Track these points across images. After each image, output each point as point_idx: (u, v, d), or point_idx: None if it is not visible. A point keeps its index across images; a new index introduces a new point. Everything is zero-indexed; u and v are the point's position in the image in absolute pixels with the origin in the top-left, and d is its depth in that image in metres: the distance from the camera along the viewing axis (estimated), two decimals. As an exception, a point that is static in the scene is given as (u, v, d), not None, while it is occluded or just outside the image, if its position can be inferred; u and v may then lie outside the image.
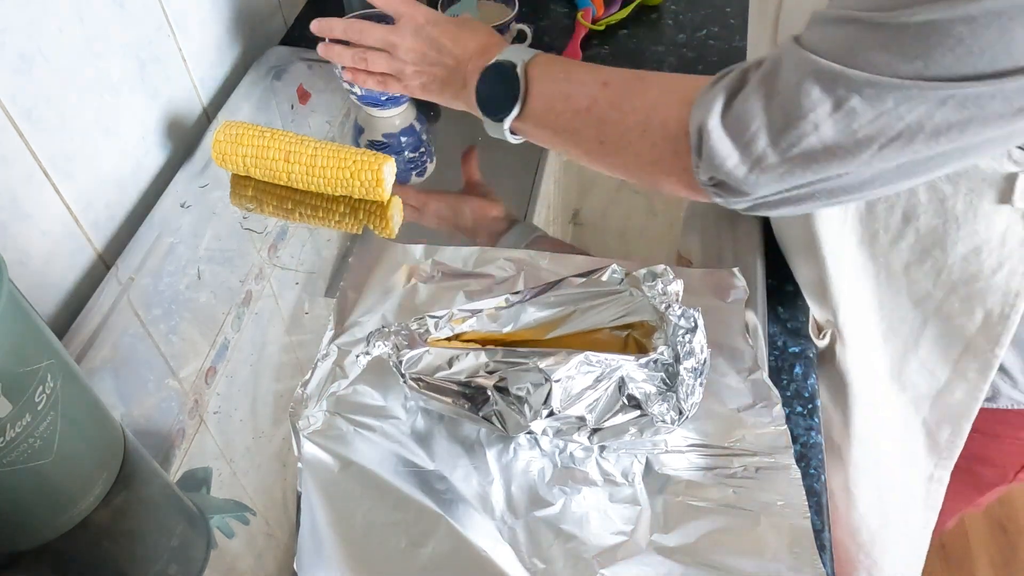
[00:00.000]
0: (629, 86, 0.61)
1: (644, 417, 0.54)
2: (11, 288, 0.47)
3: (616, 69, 0.63)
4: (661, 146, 0.58)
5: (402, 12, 0.71)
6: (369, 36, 0.73)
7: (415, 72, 0.71)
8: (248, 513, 0.58)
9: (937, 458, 0.78)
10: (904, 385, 0.73)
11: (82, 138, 0.72)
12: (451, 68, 0.70)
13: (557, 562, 0.53)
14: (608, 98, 0.61)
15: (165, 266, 0.73)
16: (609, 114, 0.61)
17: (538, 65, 0.65)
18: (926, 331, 0.67)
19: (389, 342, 0.56)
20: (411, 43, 0.71)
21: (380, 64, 0.73)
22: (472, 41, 0.69)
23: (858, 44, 0.46)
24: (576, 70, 0.64)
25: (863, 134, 0.46)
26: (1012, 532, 1.51)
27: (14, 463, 0.49)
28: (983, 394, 0.69)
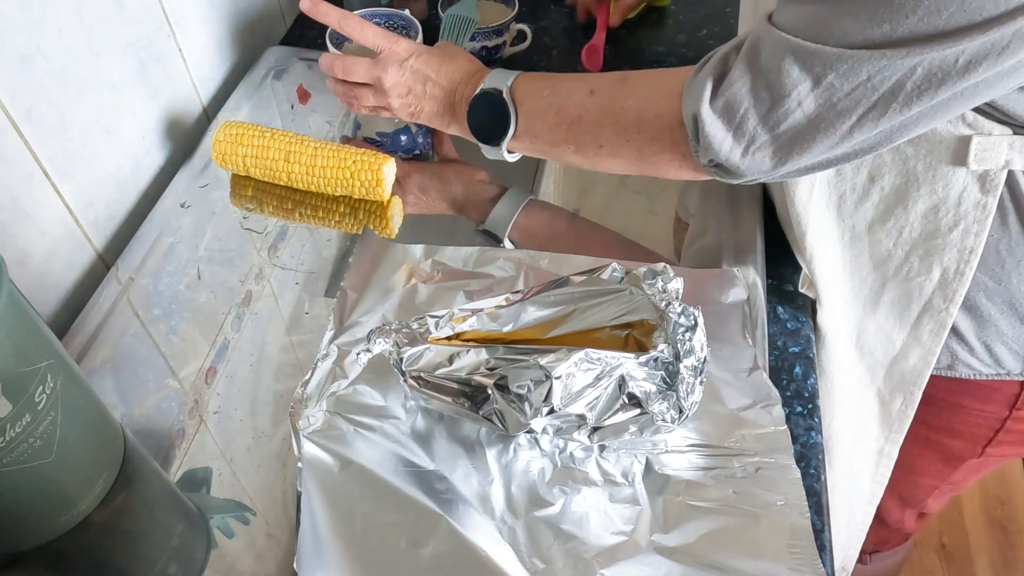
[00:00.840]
0: (615, 90, 0.63)
1: (644, 415, 0.54)
2: (11, 288, 0.47)
3: (597, 75, 0.66)
4: (659, 138, 0.60)
5: (383, 47, 0.72)
6: (354, 73, 0.73)
7: (402, 105, 0.73)
8: (248, 513, 0.58)
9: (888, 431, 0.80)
10: (862, 351, 0.74)
11: (82, 138, 0.72)
12: (439, 99, 0.72)
13: (557, 562, 0.53)
14: (598, 104, 0.63)
15: (165, 266, 0.73)
16: (602, 119, 0.63)
17: (521, 85, 0.67)
18: (885, 294, 0.70)
19: (390, 340, 0.56)
20: (395, 78, 0.71)
21: (368, 100, 0.74)
22: (455, 71, 0.71)
23: (828, 18, 0.49)
24: (559, 83, 0.66)
25: (842, 106, 0.50)
26: (1012, 532, 1.51)
27: (14, 463, 0.49)
28: (935, 358, 0.71)
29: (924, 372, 0.72)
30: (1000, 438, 0.78)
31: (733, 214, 0.76)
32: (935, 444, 0.83)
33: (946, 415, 0.78)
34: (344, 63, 0.74)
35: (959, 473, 0.87)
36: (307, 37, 1.02)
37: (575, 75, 0.67)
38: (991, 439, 0.79)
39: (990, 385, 0.72)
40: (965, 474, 0.87)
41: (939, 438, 0.82)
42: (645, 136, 0.61)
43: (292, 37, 1.03)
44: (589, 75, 0.66)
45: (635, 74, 0.63)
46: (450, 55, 0.72)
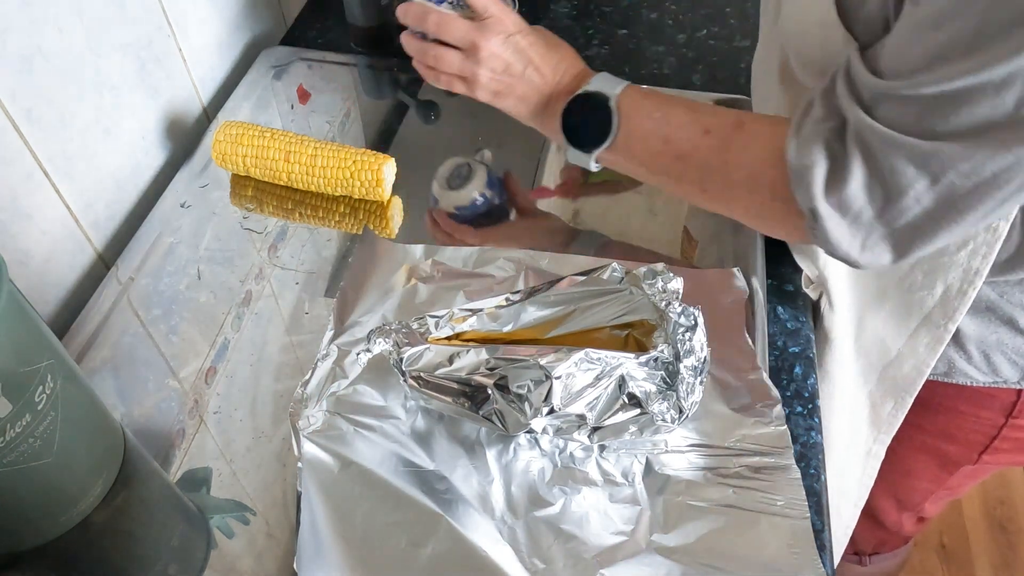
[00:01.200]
0: (731, 137, 0.59)
1: (644, 415, 0.54)
2: (11, 288, 0.47)
3: (713, 111, 0.62)
4: (770, 205, 0.57)
5: (492, 13, 0.65)
6: (450, 31, 0.66)
7: (491, 79, 0.67)
8: (248, 513, 0.58)
9: (877, 432, 0.80)
10: (859, 352, 0.75)
11: (82, 138, 0.72)
12: (535, 86, 0.66)
13: (557, 562, 0.53)
14: (710, 147, 0.59)
15: (165, 266, 0.73)
16: (712, 165, 0.59)
17: (630, 97, 0.63)
18: (886, 302, 0.69)
19: (390, 339, 0.56)
20: (497, 48, 0.65)
21: (452, 64, 0.67)
22: (560, 61, 0.66)
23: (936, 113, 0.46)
24: (672, 109, 0.62)
25: (964, 204, 0.48)
26: (1012, 532, 1.51)
27: (14, 463, 0.49)
28: (928, 369, 0.71)
29: (917, 381, 0.72)
30: (996, 445, 0.78)
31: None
32: (931, 448, 0.83)
33: (942, 420, 0.78)
34: (441, 17, 0.66)
35: (955, 479, 0.87)
36: (307, 37, 1.02)
37: (688, 102, 0.63)
38: (987, 446, 0.78)
39: (987, 392, 0.72)
40: (961, 480, 0.87)
41: (935, 443, 0.82)
42: (755, 199, 0.58)
43: (292, 37, 1.03)
44: (703, 107, 0.62)
45: (752, 122, 0.59)
46: (556, 44, 0.68)
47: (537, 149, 0.79)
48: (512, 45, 0.65)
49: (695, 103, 0.63)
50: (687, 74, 0.94)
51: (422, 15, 0.67)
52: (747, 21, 1.01)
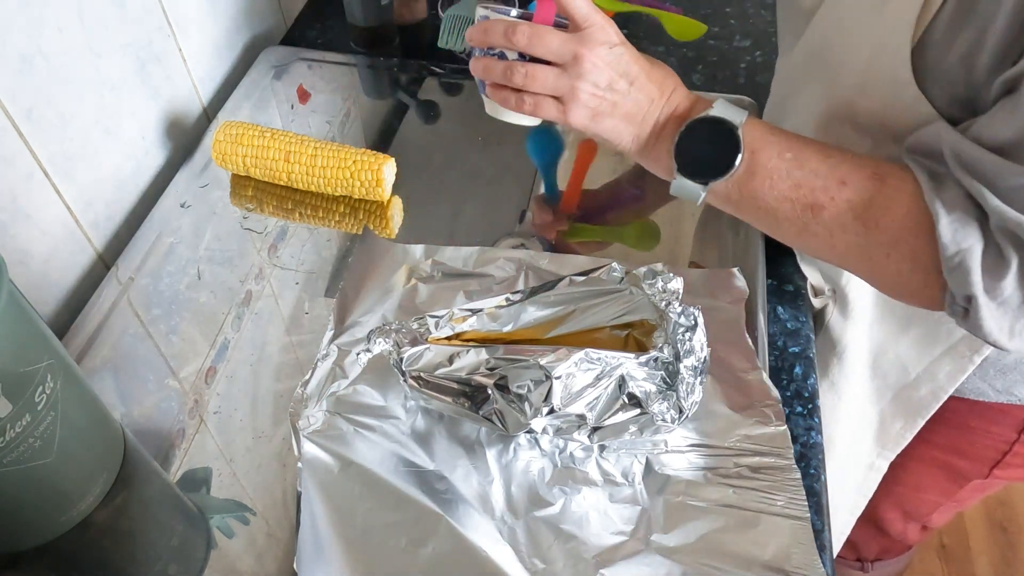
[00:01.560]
0: (871, 194, 0.54)
1: (644, 415, 0.54)
2: (11, 288, 0.47)
3: (843, 155, 0.56)
4: (908, 275, 0.54)
5: (595, 21, 0.56)
6: (546, 43, 0.57)
7: (592, 96, 0.57)
8: (248, 513, 0.58)
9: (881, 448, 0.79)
10: (875, 372, 0.74)
11: (82, 138, 0.72)
12: (641, 105, 0.58)
13: (557, 562, 0.53)
14: (847, 201, 0.54)
15: (165, 266, 0.73)
16: (848, 223, 0.54)
17: (756, 129, 0.57)
18: (912, 328, 0.69)
19: (390, 339, 0.56)
20: (602, 60, 0.56)
21: (546, 81, 0.58)
22: (666, 79, 0.59)
23: None
24: (804, 151, 0.56)
25: None
26: (1012, 532, 1.51)
27: (14, 463, 0.49)
28: (947, 395, 0.70)
29: (932, 405, 0.71)
30: (1008, 461, 0.77)
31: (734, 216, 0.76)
32: (941, 463, 0.82)
33: (954, 435, 0.77)
34: (533, 28, 0.57)
35: (964, 492, 0.86)
36: (307, 37, 1.02)
37: (819, 145, 0.56)
38: (998, 461, 0.78)
39: (999, 408, 0.71)
40: (970, 493, 0.86)
41: (946, 457, 0.81)
42: (892, 265, 0.54)
43: (292, 37, 1.03)
44: (835, 150, 0.56)
45: (891, 174, 0.54)
46: (656, 61, 0.60)
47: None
48: (617, 57, 0.57)
49: (825, 145, 0.57)
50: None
51: (509, 30, 0.57)
52: (747, 21, 1.01)
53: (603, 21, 0.57)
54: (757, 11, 1.03)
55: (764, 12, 1.02)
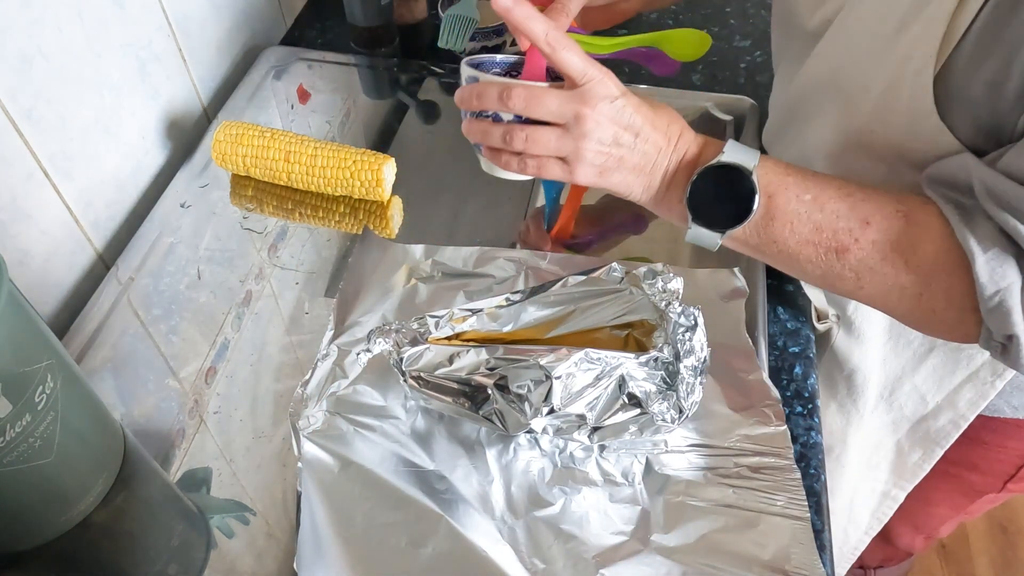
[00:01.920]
0: (898, 232, 0.52)
1: (644, 415, 0.54)
2: (11, 288, 0.47)
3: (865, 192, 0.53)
4: (942, 313, 0.52)
5: (591, 75, 0.53)
6: (544, 105, 0.54)
7: (598, 153, 0.55)
8: (248, 513, 0.58)
9: (898, 478, 0.78)
10: (892, 406, 0.73)
11: (82, 138, 0.72)
12: (649, 156, 0.56)
13: (557, 562, 0.53)
14: (873, 242, 0.52)
15: (165, 266, 0.73)
16: (875, 264, 0.52)
17: (771, 172, 0.54)
18: (930, 359, 0.67)
19: (390, 339, 0.56)
20: (605, 116, 0.54)
21: (548, 143, 0.55)
22: (671, 125, 0.56)
23: None
24: (823, 191, 0.54)
25: None
26: (1012, 532, 1.51)
27: (14, 463, 0.49)
28: (966, 423, 0.69)
29: (952, 434, 0.71)
30: (1022, 475, 0.76)
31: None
32: (954, 478, 0.81)
33: (967, 450, 0.76)
34: (529, 91, 0.54)
35: (975, 505, 0.86)
36: (307, 37, 1.02)
37: (837, 182, 0.54)
38: (1012, 475, 0.77)
39: (1016, 423, 0.71)
40: (981, 505, 0.86)
41: (959, 472, 0.80)
42: (924, 305, 0.52)
43: (292, 37, 1.03)
44: (855, 187, 0.53)
45: (917, 210, 0.52)
46: (658, 105, 0.57)
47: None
48: (619, 110, 0.54)
49: (845, 182, 0.54)
50: (687, 74, 0.94)
51: (504, 93, 0.54)
52: (747, 21, 1.01)
53: (601, 74, 0.54)
54: (757, 11, 1.03)
55: (764, 12, 1.02)
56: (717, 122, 0.86)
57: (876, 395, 0.73)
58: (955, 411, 0.69)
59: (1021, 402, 0.69)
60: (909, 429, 0.74)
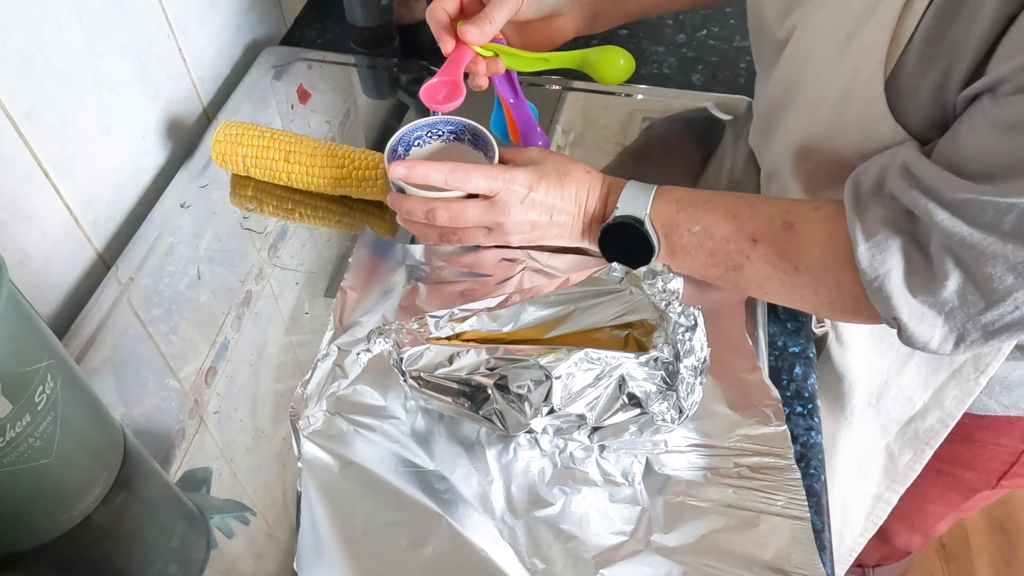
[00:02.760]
0: (783, 242, 0.57)
1: (644, 415, 0.54)
2: (11, 288, 0.47)
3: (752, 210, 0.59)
4: (840, 303, 0.56)
5: (498, 189, 0.62)
6: (466, 219, 0.63)
7: (523, 240, 0.66)
8: (248, 513, 0.58)
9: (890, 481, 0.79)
10: (879, 410, 0.73)
11: (82, 138, 0.72)
12: (565, 226, 0.65)
13: (557, 562, 0.53)
14: (763, 257, 0.58)
15: (165, 266, 0.73)
16: (770, 273, 0.58)
17: (662, 214, 0.61)
18: (913, 359, 0.68)
19: (390, 339, 0.56)
20: (519, 218, 0.63)
21: (479, 240, 0.66)
22: (578, 189, 0.63)
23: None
24: (710, 218, 0.59)
25: None
26: (1012, 532, 1.51)
27: (14, 463, 0.49)
28: (954, 421, 0.70)
29: (940, 433, 0.71)
30: (1015, 471, 0.77)
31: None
32: (948, 476, 0.82)
33: (960, 449, 0.76)
34: (452, 210, 0.63)
35: (971, 502, 0.86)
36: (307, 37, 1.02)
37: (726, 203, 0.60)
38: (1006, 472, 0.78)
39: (1006, 420, 0.71)
40: (976, 502, 0.86)
41: (952, 470, 0.80)
42: (823, 297, 0.57)
43: (292, 37, 1.03)
44: (743, 208, 0.59)
45: (801, 219, 0.57)
46: (566, 171, 0.64)
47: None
48: (530, 205, 0.63)
49: (733, 203, 0.60)
50: (687, 74, 0.94)
51: (430, 213, 0.63)
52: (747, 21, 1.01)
53: (506, 182, 0.62)
54: (757, 11, 1.03)
55: (764, 12, 1.02)
56: (717, 122, 0.86)
57: (864, 401, 0.73)
58: (942, 410, 0.70)
59: (1012, 400, 0.69)
60: (898, 431, 0.74)
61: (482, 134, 0.71)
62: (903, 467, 0.76)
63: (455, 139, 0.73)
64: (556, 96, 0.90)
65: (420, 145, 0.73)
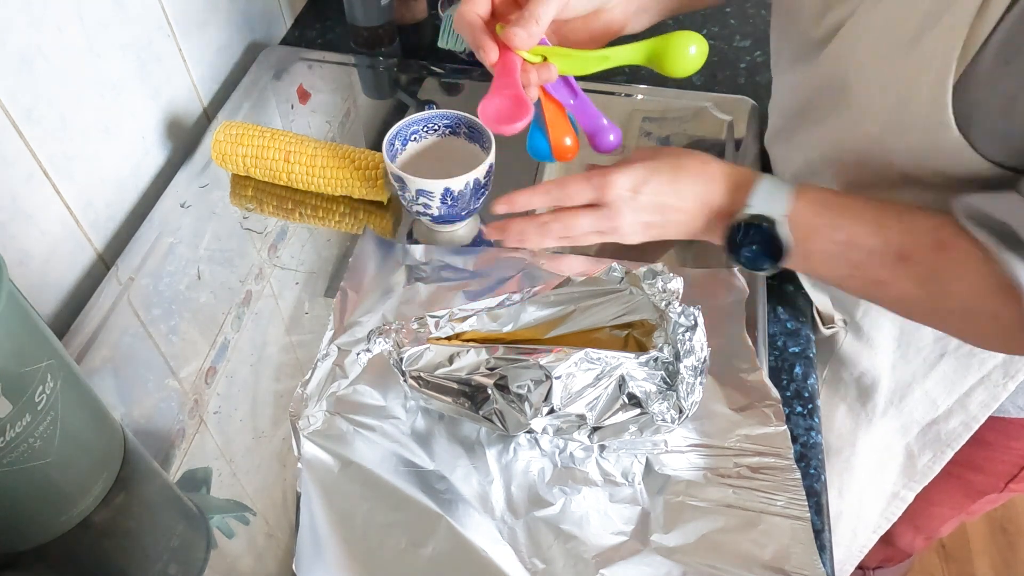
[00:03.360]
0: (935, 266, 0.52)
1: (644, 415, 0.54)
2: (11, 288, 0.47)
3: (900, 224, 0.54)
4: (992, 334, 0.53)
5: (602, 196, 0.59)
6: (578, 227, 0.61)
7: (640, 236, 0.61)
8: (248, 513, 0.58)
9: (907, 479, 0.78)
10: (900, 411, 0.72)
11: (82, 138, 0.72)
12: (685, 224, 0.60)
13: (557, 562, 0.53)
14: (912, 276, 0.53)
15: (165, 266, 0.73)
16: (917, 294, 0.54)
17: (802, 216, 0.55)
18: (941, 365, 0.67)
19: (390, 340, 0.56)
20: (631, 220, 0.59)
21: (585, 226, 0.61)
22: (695, 184, 0.59)
23: None
24: (856, 228, 0.54)
25: None
26: (1012, 532, 1.51)
27: (14, 463, 0.49)
28: (978, 425, 0.69)
29: (963, 436, 0.70)
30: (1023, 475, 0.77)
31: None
32: (956, 478, 0.81)
33: (971, 451, 0.76)
34: (564, 222, 0.60)
35: (977, 505, 0.86)
36: (307, 37, 1.02)
37: (872, 212, 0.55)
38: (1015, 476, 0.77)
39: (1018, 423, 0.71)
40: (982, 506, 0.86)
41: (961, 472, 0.80)
42: (973, 325, 0.53)
43: (292, 37, 1.03)
44: (891, 221, 0.54)
45: (952, 236, 0.52)
46: (679, 164, 0.59)
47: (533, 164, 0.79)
48: (640, 205, 0.59)
49: (879, 213, 0.55)
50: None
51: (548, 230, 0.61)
52: (747, 21, 1.01)
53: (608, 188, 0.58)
54: (757, 11, 1.03)
55: (764, 12, 1.02)
56: (717, 122, 0.86)
57: (885, 400, 0.72)
58: (966, 413, 0.69)
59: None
60: (919, 432, 0.73)
61: (477, 126, 0.71)
62: (922, 467, 0.76)
63: (451, 133, 0.74)
64: (556, 96, 0.89)
65: (416, 140, 0.74)
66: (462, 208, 0.71)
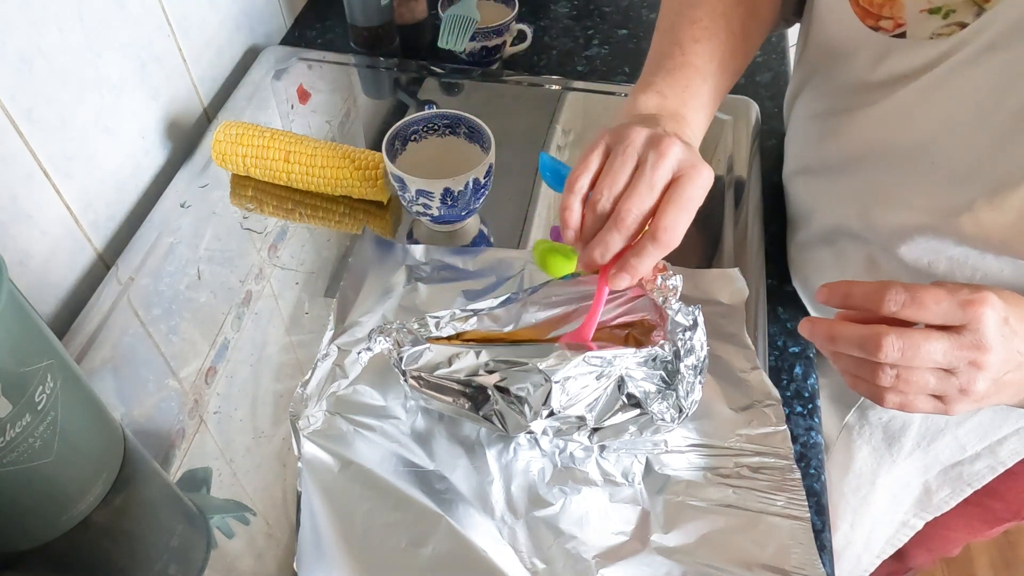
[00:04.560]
0: None
1: (644, 415, 0.54)
2: (11, 288, 0.47)
3: None
4: None
5: (973, 316, 0.45)
6: (928, 353, 0.45)
7: (988, 387, 0.46)
8: (248, 513, 0.58)
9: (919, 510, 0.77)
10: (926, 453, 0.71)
11: (82, 138, 0.72)
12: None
13: (557, 562, 0.53)
14: None
15: (165, 266, 0.73)
16: None
17: None
18: (979, 414, 0.65)
19: (390, 339, 0.56)
20: (1002, 355, 0.45)
21: (927, 386, 0.46)
22: None
23: None
24: None
25: None
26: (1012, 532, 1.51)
27: (14, 463, 0.49)
28: (1004, 469, 0.68)
29: (986, 477, 0.69)
30: None
31: (734, 215, 0.76)
32: (976, 505, 0.79)
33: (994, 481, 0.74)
34: (907, 341, 0.44)
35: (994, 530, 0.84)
36: (307, 37, 1.02)
37: None
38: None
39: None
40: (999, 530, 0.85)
41: (981, 500, 0.77)
42: None
43: (292, 37, 1.03)
44: None
45: None
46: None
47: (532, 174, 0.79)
48: (1007, 333, 0.45)
49: None
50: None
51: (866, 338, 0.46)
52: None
53: (982, 307, 0.44)
54: (757, 11, 1.02)
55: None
56: (717, 122, 0.86)
57: (912, 443, 0.71)
58: (994, 458, 0.67)
59: None
60: (941, 471, 0.72)
61: (477, 126, 0.72)
62: (938, 501, 0.74)
63: (451, 133, 0.74)
64: (556, 96, 0.90)
65: (416, 140, 0.74)
66: (462, 208, 0.71)
